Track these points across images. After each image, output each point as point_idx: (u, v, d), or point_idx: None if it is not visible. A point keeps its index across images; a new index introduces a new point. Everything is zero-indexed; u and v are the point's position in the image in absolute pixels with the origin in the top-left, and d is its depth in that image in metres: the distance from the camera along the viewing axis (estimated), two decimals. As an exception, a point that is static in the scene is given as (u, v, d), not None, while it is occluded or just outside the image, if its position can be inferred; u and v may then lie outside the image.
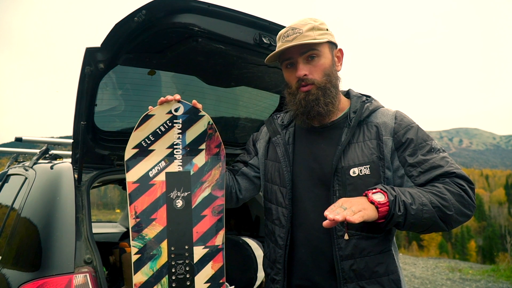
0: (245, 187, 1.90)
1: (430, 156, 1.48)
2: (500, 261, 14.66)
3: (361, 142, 1.55)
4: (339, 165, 1.53)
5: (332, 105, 1.60)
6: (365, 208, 1.30)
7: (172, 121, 1.68)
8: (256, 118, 2.95)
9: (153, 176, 1.65)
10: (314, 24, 1.56)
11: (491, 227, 67.19)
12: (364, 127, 1.58)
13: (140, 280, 1.56)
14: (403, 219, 1.35)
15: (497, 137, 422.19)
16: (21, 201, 2.04)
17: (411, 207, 1.34)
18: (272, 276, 1.69)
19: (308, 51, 1.57)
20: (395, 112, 1.61)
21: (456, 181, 1.44)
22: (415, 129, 1.55)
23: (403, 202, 1.34)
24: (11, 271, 1.73)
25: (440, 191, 1.40)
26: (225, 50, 1.92)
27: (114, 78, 2.14)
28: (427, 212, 1.36)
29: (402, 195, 1.36)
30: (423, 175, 1.47)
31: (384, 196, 1.35)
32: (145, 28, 1.72)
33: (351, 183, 1.51)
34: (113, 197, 55.43)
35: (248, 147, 1.95)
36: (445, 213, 1.37)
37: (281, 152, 1.70)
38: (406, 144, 1.52)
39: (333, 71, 1.62)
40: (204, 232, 1.68)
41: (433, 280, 8.09)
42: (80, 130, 1.88)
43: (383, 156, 1.52)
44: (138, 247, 1.58)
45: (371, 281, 1.48)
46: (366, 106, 1.61)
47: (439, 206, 1.37)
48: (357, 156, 1.53)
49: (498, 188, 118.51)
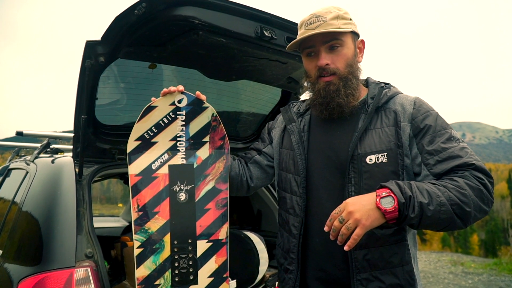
0: (256, 176, 1.87)
1: (450, 145, 1.42)
2: (502, 255, 14.67)
3: (379, 129, 1.51)
4: (356, 152, 1.49)
5: (352, 96, 1.56)
6: (367, 218, 1.24)
7: (175, 112, 1.66)
8: (258, 112, 2.93)
9: (156, 168, 1.63)
10: (339, 13, 1.52)
11: (494, 221, 67.15)
12: (382, 113, 1.54)
13: (142, 274, 1.55)
14: (418, 221, 1.28)
15: (500, 131, 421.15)
16: (22, 195, 2.04)
17: (428, 207, 1.27)
18: (286, 266, 1.65)
19: (332, 40, 1.53)
20: (414, 98, 1.55)
21: (475, 174, 1.35)
22: (434, 115, 1.49)
23: (420, 203, 1.26)
24: (12, 265, 1.73)
25: (459, 186, 1.32)
26: (226, 43, 1.90)
27: (115, 71, 2.13)
28: (444, 213, 1.28)
29: (420, 195, 1.28)
30: (440, 164, 1.41)
31: (393, 201, 1.26)
32: (146, 21, 1.71)
33: (367, 171, 1.46)
34: (116, 192, 55.65)
35: (263, 135, 1.92)
36: (464, 210, 1.30)
37: (296, 140, 1.66)
38: (424, 130, 1.46)
39: (355, 62, 1.58)
40: (207, 225, 1.66)
41: (436, 274, 8.10)
42: (81, 124, 1.87)
43: (401, 143, 1.47)
44: (141, 241, 1.57)
45: (385, 271, 1.44)
46: (385, 92, 1.57)
47: (458, 203, 1.29)
48: (374, 143, 1.49)
49: (500, 182, 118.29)
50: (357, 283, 1.44)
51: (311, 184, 1.60)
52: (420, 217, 1.27)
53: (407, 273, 1.46)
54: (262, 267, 2.62)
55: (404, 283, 1.44)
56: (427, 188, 1.31)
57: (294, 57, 2.14)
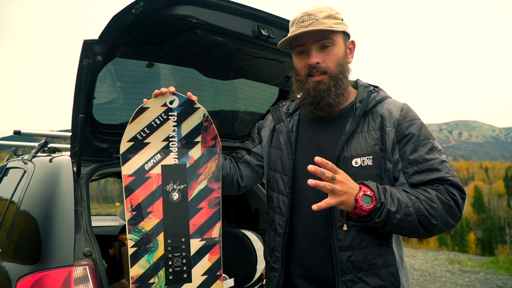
0: (246, 175, 1.89)
1: (431, 156, 1.46)
2: (499, 253, 14.72)
3: (365, 132, 1.53)
4: (342, 155, 1.52)
5: (342, 96, 1.58)
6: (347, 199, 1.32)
7: (167, 113, 1.67)
8: (255, 111, 2.94)
9: (149, 169, 1.65)
10: (331, 13, 1.53)
11: (490, 219, 67.38)
12: (370, 117, 1.56)
13: (137, 273, 1.57)
14: (382, 226, 1.38)
15: (496, 129, 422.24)
16: (20, 194, 2.04)
17: (395, 215, 1.35)
18: (271, 264, 1.69)
19: (323, 39, 1.54)
20: (402, 104, 1.58)
21: (449, 189, 1.42)
22: (419, 124, 1.52)
23: (388, 211, 1.35)
24: (10, 264, 1.73)
25: (431, 198, 1.39)
26: (223, 42, 1.91)
27: (112, 70, 2.13)
28: (409, 223, 1.37)
29: (391, 202, 1.36)
30: (418, 175, 1.46)
31: (371, 203, 1.34)
32: (143, 20, 1.71)
33: (352, 173, 1.48)
34: (113, 191, 55.54)
35: (253, 135, 1.94)
36: (430, 222, 1.38)
37: (284, 139, 1.69)
38: (408, 138, 1.49)
39: (345, 62, 1.60)
40: (200, 224, 1.68)
41: (433, 272, 8.13)
42: (79, 123, 1.87)
43: (385, 147, 1.50)
44: (135, 240, 1.58)
45: (369, 273, 1.47)
46: (373, 96, 1.59)
47: (426, 215, 1.37)
48: (360, 147, 1.51)
49: (497, 180, 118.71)
50: (342, 284, 1.47)
51: (298, 184, 1.63)
52: (384, 222, 1.36)
53: (391, 275, 1.49)
54: (260, 266, 2.63)
55: (389, 284, 1.47)
56: (399, 196, 1.38)
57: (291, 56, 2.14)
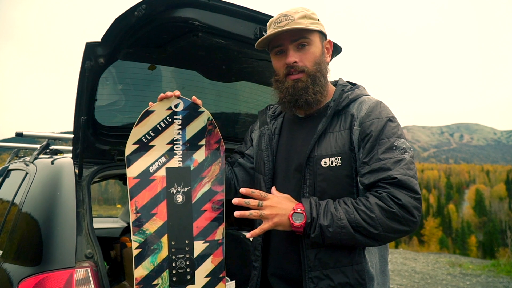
0: (242, 179, 1.90)
1: (386, 156, 1.41)
2: (500, 256, 14.69)
3: (337, 132, 1.53)
4: (312, 155, 1.53)
5: (320, 94, 1.59)
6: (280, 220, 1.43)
7: (172, 117, 1.68)
8: (257, 113, 2.94)
9: (153, 171, 1.66)
10: (306, 13, 1.55)
11: (492, 222, 67.25)
12: (342, 117, 1.55)
13: (141, 275, 1.57)
14: (321, 240, 1.41)
15: (498, 132, 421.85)
16: (22, 196, 2.04)
17: (327, 229, 1.38)
18: (253, 263, 1.74)
19: (300, 39, 1.56)
20: (373, 101, 1.54)
21: (393, 194, 1.36)
22: (382, 122, 1.47)
23: (320, 226, 1.38)
24: (12, 266, 1.73)
25: (369, 208, 1.37)
26: (225, 44, 1.92)
27: (114, 73, 2.14)
28: (345, 235, 1.38)
29: (323, 217, 1.39)
30: (368, 175, 1.43)
31: (303, 219, 1.40)
32: (145, 23, 1.72)
33: (321, 173, 1.50)
34: (114, 193, 55.56)
35: (246, 138, 1.96)
36: (370, 232, 1.37)
37: (265, 142, 1.73)
38: (368, 136, 1.47)
39: (323, 60, 1.61)
40: (204, 227, 1.68)
41: (434, 275, 8.12)
42: (81, 125, 1.88)
43: (353, 147, 1.49)
44: (139, 242, 1.59)
45: (335, 270, 1.47)
46: (346, 95, 1.58)
47: (363, 226, 1.37)
48: (330, 146, 1.51)
49: (498, 183, 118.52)
50: (309, 281, 1.48)
51: (276, 185, 1.64)
52: (321, 237, 1.39)
53: (356, 272, 1.48)
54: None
55: (354, 282, 1.47)
56: (332, 210, 1.40)
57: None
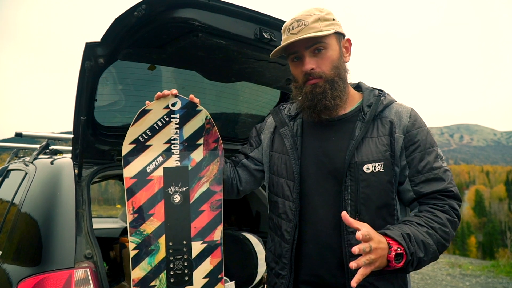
0: (245, 180, 1.86)
1: (436, 164, 1.49)
2: (500, 257, 14.68)
3: (375, 138, 1.51)
4: (353, 160, 1.49)
5: (339, 99, 1.55)
6: (381, 262, 1.27)
7: (169, 116, 1.67)
8: (257, 113, 2.94)
9: (150, 171, 1.65)
10: (320, 15, 1.50)
11: (491, 223, 67.23)
12: (378, 122, 1.54)
13: (138, 276, 1.56)
14: (414, 269, 1.38)
15: (497, 133, 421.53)
16: (21, 196, 2.04)
17: (423, 259, 1.36)
18: (277, 270, 1.64)
19: (315, 44, 1.51)
20: (410, 109, 1.57)
21: (453, 206, 1.46)
22: (425, 131, 1.53)
23: (418, 259, 1.34)
24: (11, 266, 1.73)
25: (443, 224, 1.41)
26: (225, 45, 1.91)
27: (114, 73, 2.13)
28: (434, 258, 1.40)
29: (418, 249, 1.34)
30: (424, 184, 1.48)
31: (402, 260, 1.30)
32: (145, 23, 1.71)
33: (364, 179, 1.48)
34: (114, 193, 55.54)
35: (250, 139, 1.90)
36: (445, 247, 1.42)
37: (290, 144, 1.64)
38: (416, 145, 1.50)
39: (341, 63, 1.57)
40: (202, 227, 1.67)
41: (433, 276, 8.11)
42: (80, 125, 1.87)
43: (394, 153, 1.49)
44: (136, 243, 1.58)
45: (379, 277, 1.45)
46: (381, 101, 1.57)
47: (443, 243, 1.41)
48: (371, 152, 1.49)
49: (498, 184, 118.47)
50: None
51: (304, 190, 1.59)
52: (416, 267, 1.37)
53: (400, 279, 1.49)
54: (261, 268, 2.62)
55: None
56: (422, 239, 1.36)
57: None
